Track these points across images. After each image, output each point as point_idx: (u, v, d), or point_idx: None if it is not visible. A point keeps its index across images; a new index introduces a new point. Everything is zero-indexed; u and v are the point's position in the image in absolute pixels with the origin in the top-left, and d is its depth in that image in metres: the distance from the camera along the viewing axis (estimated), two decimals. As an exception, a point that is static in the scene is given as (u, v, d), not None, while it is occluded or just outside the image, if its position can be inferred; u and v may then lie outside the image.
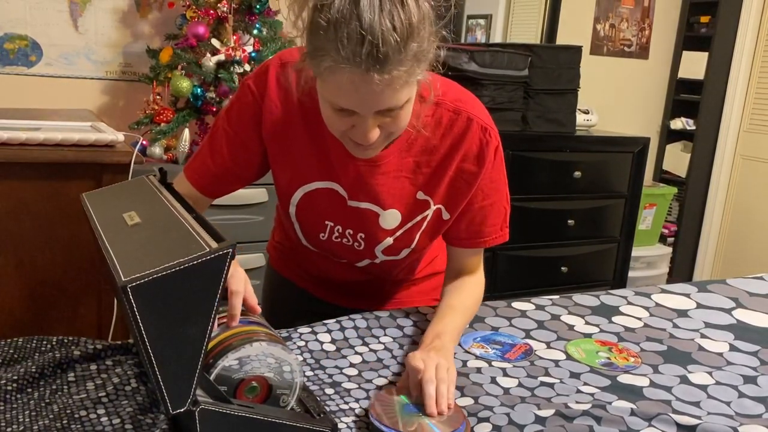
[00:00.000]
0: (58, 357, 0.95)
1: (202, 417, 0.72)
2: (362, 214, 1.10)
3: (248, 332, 0.83)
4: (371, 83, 0.83)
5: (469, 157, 1.06)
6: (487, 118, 1.08)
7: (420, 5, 0.84)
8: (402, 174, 1.07)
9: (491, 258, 2.84)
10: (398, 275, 1.27)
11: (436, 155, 1.06)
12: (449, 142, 1.05)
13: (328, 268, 1.23)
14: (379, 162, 1.05)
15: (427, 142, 1.05)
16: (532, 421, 0.88)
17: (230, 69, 2.29)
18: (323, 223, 1.13)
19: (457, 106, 1.05)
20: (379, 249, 1.14)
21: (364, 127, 0.90)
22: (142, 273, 0.65)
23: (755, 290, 1.44)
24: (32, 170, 1.38)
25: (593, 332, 1.22)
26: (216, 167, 1.10)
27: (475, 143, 1.06)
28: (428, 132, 1.04)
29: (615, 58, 3.57)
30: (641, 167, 3.11)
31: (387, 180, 1.07)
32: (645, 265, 3.56)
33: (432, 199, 1.09)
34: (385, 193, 1.08)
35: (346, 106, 0.88)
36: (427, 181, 1.08)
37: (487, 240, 1.15)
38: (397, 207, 1.09)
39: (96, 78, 2.52)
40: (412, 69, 0.85)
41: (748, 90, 3.66)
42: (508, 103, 2.76)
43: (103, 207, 0.89)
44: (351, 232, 1.12)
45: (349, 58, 0.81)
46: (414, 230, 1.12)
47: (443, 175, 1.07)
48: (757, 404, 0.97)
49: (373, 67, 0.82)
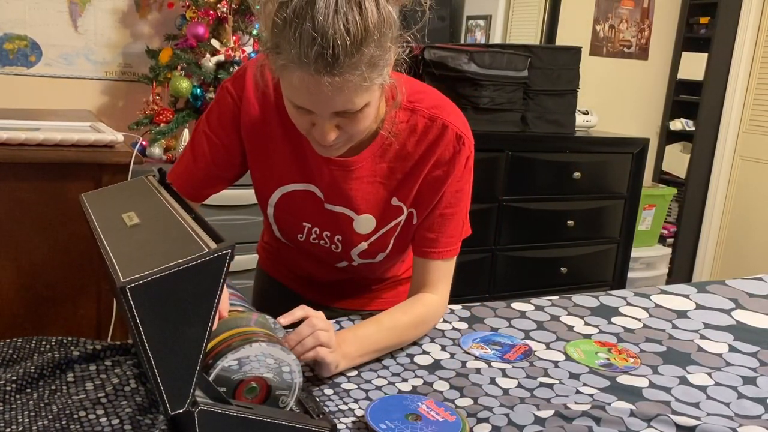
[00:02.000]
0: (57, 357, 0.94)
1: (201, 418, 0.72)
2: (338, 217, 1.10)
3: (248, 333, 0.83)
4: (321, 86, 0.83)
5: (440, 163, 1.05)
6: (464, 126, 1.06)
7: (381, 9, 0.82)
8: (376, 179, 1.07)
9: (490, 258, 2.84)
10: (382, 275, 1.27)
11: (410, 161, 1.05)
12: (423, 149, 1.04)
13: (311, 268, 1.24)
14: (353, 167, 1.05)
15: (401, 148, 1.05)
16: (532, 422, 0.88)
17: (230, 69, 2.29)
18: (301, 224, 1.13)
19: (433, 113, 1.04)
20: (355, 252, 1.14)
21: (321, 126, 0.90)
22: (141, 274, 0.65)
23: (754, 291, 1.44)
24: (31, 170, 1.38)
25: (593, 333, 1.22)
26: (199, 171, 1.11)
27: (448, 150, 1.04)
28: (402, 138, 1.04)
29: (614, 59, 3.57)
30: (641, 168, 3.12)
31: (361, 185, 1.06)
32: (644, 265, 3.56)
33: (405, 204, 1.09)
34: (359, 198, 1.07)
35: (301, 105, 0.88)
36: (401, 186, 1.07)
37: (441, 251, 1.10)
38: (371, 212, 1.09)
39: (95, 78, 2.52)
40: (367, 74, 0.83)
41: (747, 91, 3.66)
42: (508, 104, 2.76)
43: (102, 207, 0.88)
44: (328, 234, 1.13)
45: (300, 58, 0.81)
46: (388, 235, 1.12)
47: (415, 181, 1.06)
48: (756, 405, 0.97)
49: (323, 70, 0.81)
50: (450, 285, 1.15)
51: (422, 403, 0.90)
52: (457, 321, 1.24)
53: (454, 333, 1.19)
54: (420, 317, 1.11)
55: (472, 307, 1.30)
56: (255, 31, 2.38)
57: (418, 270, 1.13)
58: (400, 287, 1.30)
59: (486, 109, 2.69)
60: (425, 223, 1.10)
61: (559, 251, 3.02)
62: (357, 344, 1.02)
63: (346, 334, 1.03)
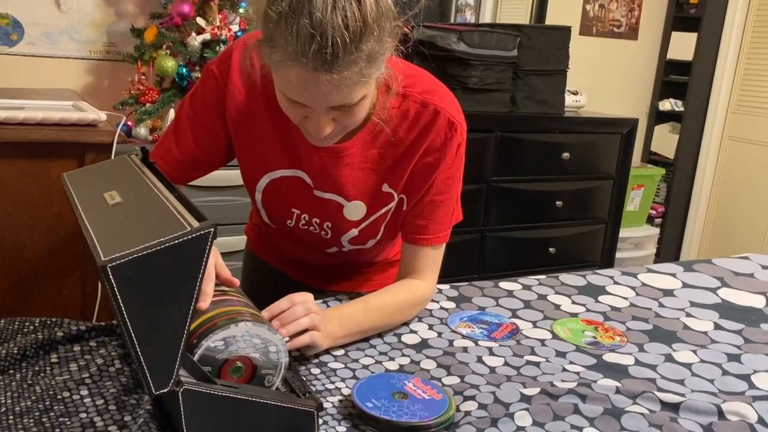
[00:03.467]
0: (40, 338, 0.94)
1: (185, 397, 0.72)
2: (327, 204, 1.09)
3: (233, 312, 0.82)
4: (319, 82, 0.81)
5: (432, 149, 1.04)
6: (456, 112, 1.04)
7: (379, 1, 0.80)
8: (366, 165, 1.05)
9: (479, 239, 2.85)
10: (372, 259, 1.26)
11: (401, 147, 1.04)
12: (415, 135, 1.03)
13: (301, 252, 1.23)
14: (343, 153, 1.03)
15: (393, 134, 1.03)
16: (518, 400, 0.88)
17: (216, 48, 2.25)
18: (289, 210, 1.12)
19: (425, 98, 1.02)
20: (345, 239, 1.13)
21: (316, 121, 0.88)
22: (122, 252, 0.64)
23: (740, 270, 1.45)
24: (12, 150, 1.35)
25: (579, 312, 1.22)
26: (181, 154, 1.09)
27: (439, 136, 1.03)
28: (394, 124, 1.02)
29: (604, 38, 3.56)
30: (629, 148, 3.12)
31: (351, 171, 1.05)
32: (632, 246, 3.58)
33: (396, 191, 1.08)
34: (349, 185, 1.06)
35: (296, 99, 0.86)
36: (392, 173, 1.06)
37: (430, 238, 1.10)
38: (362, 199, 1.08)
39: (79, 58, 2.48)
40: (365, 70, 0.82)
41: (736, 71, 3.67)
42: (497, 84, 2.75)
43: (83, 186, 0.87)
44: (318, 221, 1.12)
45: (297, 55, 0.78)
46: (379, 222, 1.11)
47: (406, 167, 1.05)
48: (740, 381, 0.98)
49: (322, 67, 0.79)
50: (438, 272, 1.14)
51: (409, 382, 0.90)
52: (444, 300, 1.24)
53: (442, 312, 1.19)
54: (406, 301, 1.10)
55: (460, 287, 1.30)
56: (241, 9, 2.35)
57: (407, 256, 1.12)
58: (391, 269, 1.30)
59: (475, 89, 2.67)
60: (415, 209, 1.09)
61: (548, 232, 3.02)
62: (342, 324, 1.02)
63: (332, 313, 1.03)
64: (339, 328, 1.01)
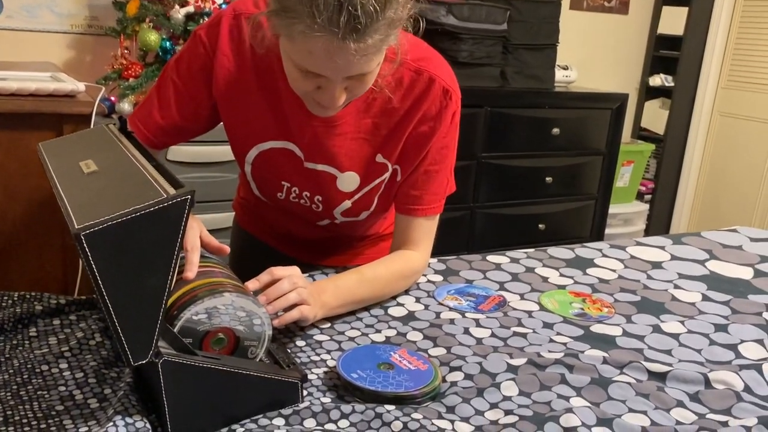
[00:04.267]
0: (19, 312, 0.92)
1: (165, 369, 0.70)
2: (319, 176, 1.07)
3: (214, 284, 0.80)
4: (347, 51, 0.80)
5: (427, 118, 1.02)
6: (451, 80, 1.03)
7: None
8: (360, 135, 1.04)
9: (469, 216, 2.84)
10: (364, 232, 1.25)
11: (395, 116, 1.02)
12: (409, 103, 1.02)
13: (292, 225, 1.21)
14: (336, 123, 1.02)
15: (386, 102, 1.01)
16: (504, 370, 0.88)
17: (200, 21, 2.21)
18: (279, 183, 1.10)
19: (420, 66, 1.01)
20: (338, 211, 1.11)
21: (331, 91, 0.87)
22: (97, 220, 0.62)
23: (728, 242, 1.45)
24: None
25: (567, 284, 1.22)
26: (163, 119, 1.06)
27: (434, 105, 1.02)
28: (388, 92, 1.00)
29: (595, 13, 3.52)
30: (619, 124, 3.11)
31: (344, 142, 1.04)
32: (622, 222, 3.59)
33: (389, 161, 1.06)
34: (343, 155, 1.04)
35: (316, 71, 0.84)
36: (385, 142, 1.04)
37: (425, 208, 1.09)
38: (355, 169, 1.06)
39: (60, 32, 2.43)
40: (386, 36, 0.82)
41: (726, 46, 3.65)
42: (487, 59, 2.72)
43: (59, 156, 0.85)
44: (308, 194, 1.10)
45: (325, 26, 0.77)
46: (372, 193, 1.10)
47: (401, 136, 1.04)
48: (726, 351, 0.98)
49: (350, 36, 0.78)
50: (432, 243, 1.13)
51: (395, 353, 0.89)
52: (432, 273, 1.23)
53: (429, 285, 1.18)
54: (401, 272, 1.09)
55: (448, 260, 1.29)
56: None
57: (401, 227, 1.11)
58: (382, 243, 1.29)
59: (465, 63, 2.64)
60: (409, 180, 1.08)
61: (538, 208, 3.02)
62: (337, 294, 1.01)
63: (326, 284, 1.02)
64: (334, 299, 1.00)
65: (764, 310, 1.12)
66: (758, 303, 1.15)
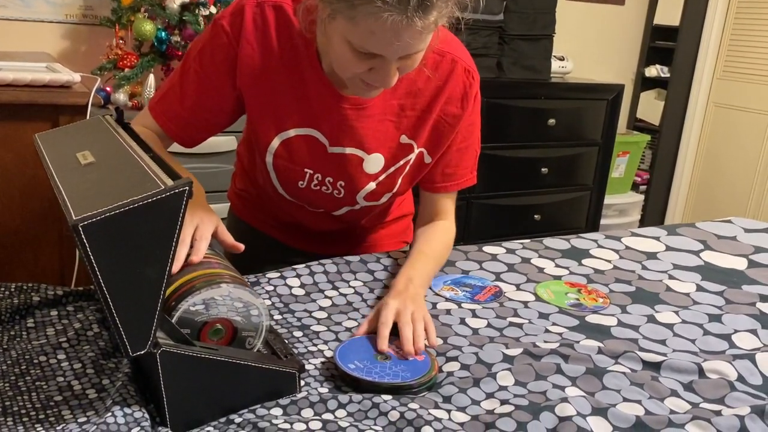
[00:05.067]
0: (16, 303, 0.92)
1: (163, 359, 0.71)
2: (345, 159, 1.07)
3: (211, 275, 0.81)
4: (413, 29, 0.81)
5: (453, 100, 1.06)
6: (469, 60, 1.07)
7: None
8: (386, 117, 1.05)
9: (464, 206, 2.84)
10: (370, 221, 1.25)
11: (421, 98, 1.05)
12: (434, 84, 1.04)
13: (302, 216, 1.21)
14: (366, 105, 1.03)
15: (412, 84, 1.03)
16: (500, 360, 0.88)
17: (195, 11, 2.20)
18: (302, 171, 1.10)
19: (441, 47, 1.03)
20: (361, 195, 1.12)
21: (385, 71, 0.88)
22: (95, 211, 0.63)
23: (723, 233, 1.46)
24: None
25: (563, 274, 1.22)
26: (186, 111, 1.05)
27: (459, 86, 1.05)
28: (413, 73, 1.01)
29: (591, 3, 3.52)
30: (615, 115, 3.11)
31: (372, 123, 1.05)
32: (617, 212, 3.60)
33: (416, 142, 1.08)
34: (370, 137, 1.06)
35: (376, 51, 0.85)
36: (411, 124, 1.06)
37: (459, 182, 1.15)
38: (381, 151, 1.08)
39: (55, 21, 2.41)
40: (444, 12, 0.84)
41: (722, 37, 3.65)
42: (483, 49, 2.71)
43: (56, 147, 0.85)
44: (331, 179, 1.10)
45: (395, 4, 0.79)
46: (396, 174, 1.11)
47: (427, 119, 1.06)
48: (720, 341, 0.99)
49: (418, 13, 0.80)
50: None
51: (391, 343, 0.90)
52: (428, 264, 1.23)
53: (425, 276, 1.18)
54: (447, 244, 1.18)
55: (444, 251, 1.30)
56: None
57: (431, 201, 1.16)
58: (382, 231, 1.30)
59: (461, 54, 2.64)
60: (442, 160, 1.11)
61: (533, 198, 3.02)
62: (423, 284, 1.05)
63: (413, 276, 1.03)
64: (422, 289, 1.04)
65: (758, 301, 1.13)
66: (752, 293, 1.16)
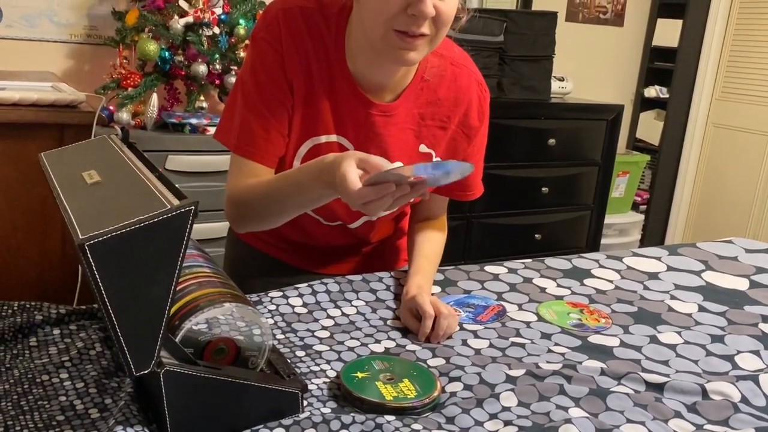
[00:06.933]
0: (19, 322, 0.92)
1: (167, 379, 0.71)
2: None
3: (216, 293, 0.81)
4: None
5: (472, 112, 1.10)
6: (480, 74, 1.13)
7: None
8: (407, 126, 1.09)
9: (465, 226, 2.85)
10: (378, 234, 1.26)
11: (441, 108, 1.08)
12: (453, 95, 1.08)
13: (314, 231, 1.20)
14: (393, 112, 1.06)
15: (432, 93, 1.07)
16: (503, 381, 0.88)
17: (199, 32, 2.22)
18: None
19: (457, 60, 1.08)
20: None
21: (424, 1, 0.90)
22: (100, 231, 0.63)
23: (724, 253, 1.46)
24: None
25: (565, 294, 1.22)
26: (273, 135, 1.05)
27: (475, 98, 1.10)
28: (434, 83, 1.06)
29: (590, 25, 3.55)
30: (615, 135, 3.13)
31: (396, 131, 1.08)
32: (617, 232, 3.60)
33: (434, 151, 1.12)
34: (394, 145, 1.09)
35: None
36: (431, 134, 1.10)
37: (474, 193, 1.23)
38: (402, 159, 1.10)
39: (60, 41, 2.44)
40: None
41: (720, 58, 3.68)
42: (484, 70, 2.71)
43: (61, 166, 0.85)
44: None
45: None
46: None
47: (447, 129, 1.10)
48: (723, 362, 0.99)
49: None
50: None
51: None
52: (430, 284, 1.23)
53: (428, 295, 1.18)
54: (443, 241, 1.24)
55: (446, 271, 1.30)
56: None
57: (429, 205, 1.21)
58: (389, 247, 1.32)
59: (461, 74, 2.66)
60: None
61: (534, 218, 3.03)
62: (430, 283, 1.12)
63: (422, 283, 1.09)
64: (429, 288, 1.11)
65: (760, 321, 1.13)
66: (754, 314, 1.16)
